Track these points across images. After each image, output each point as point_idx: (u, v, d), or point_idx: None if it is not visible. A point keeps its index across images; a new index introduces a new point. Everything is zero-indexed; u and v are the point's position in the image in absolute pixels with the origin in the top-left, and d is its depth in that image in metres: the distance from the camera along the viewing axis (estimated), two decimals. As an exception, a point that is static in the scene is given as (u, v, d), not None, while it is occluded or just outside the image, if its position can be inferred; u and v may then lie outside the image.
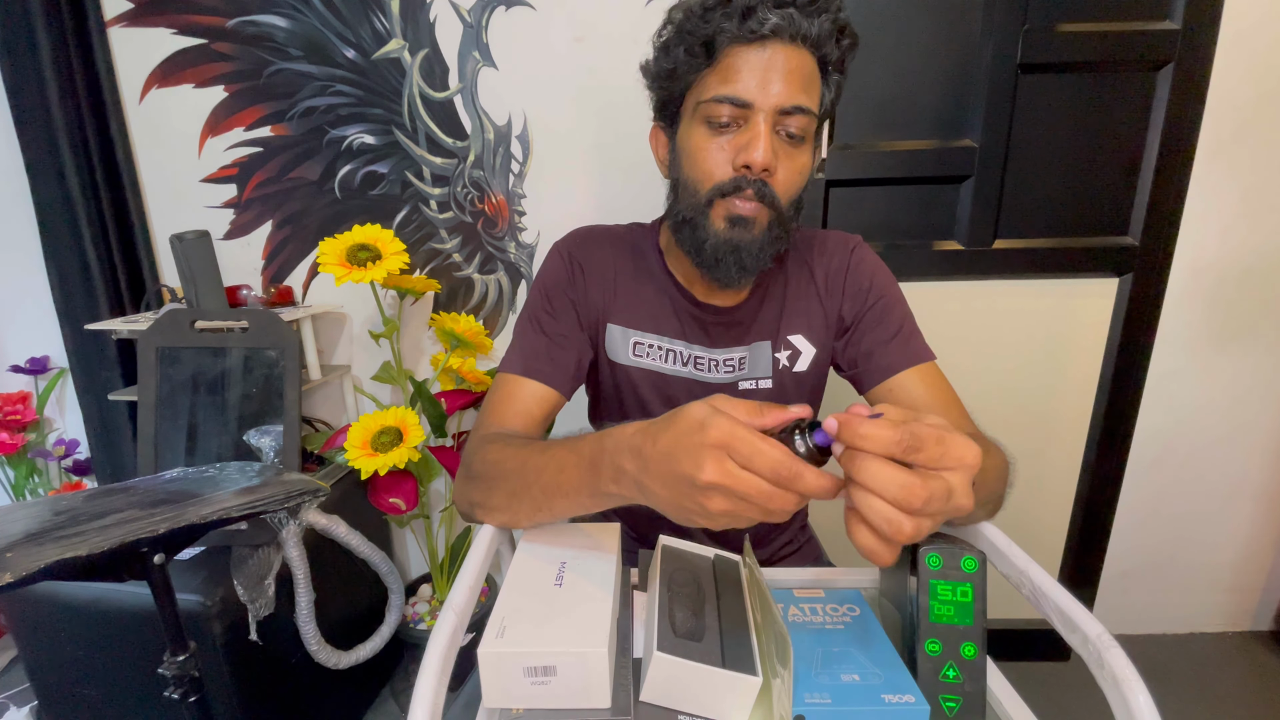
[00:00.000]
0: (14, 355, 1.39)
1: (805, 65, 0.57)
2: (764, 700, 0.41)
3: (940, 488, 0.32)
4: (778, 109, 0.56)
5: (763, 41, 0.55)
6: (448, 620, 0.42)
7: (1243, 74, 1.12)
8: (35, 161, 1.21)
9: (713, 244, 0.61)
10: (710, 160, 0.59)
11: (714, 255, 0.61)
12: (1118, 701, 0.38)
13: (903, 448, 0.32)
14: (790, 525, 0.84)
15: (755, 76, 0.56)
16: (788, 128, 0.58)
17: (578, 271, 0.71)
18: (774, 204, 0.59)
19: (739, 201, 0.59)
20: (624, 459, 0.41)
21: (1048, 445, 1.29)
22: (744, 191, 0.58)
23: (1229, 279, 1.24)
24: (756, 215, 0.59)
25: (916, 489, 0.31)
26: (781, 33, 0.55)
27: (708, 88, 0.58)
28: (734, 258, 0.61)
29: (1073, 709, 1.22)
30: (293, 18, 1.19)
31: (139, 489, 0.76)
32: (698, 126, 0.60)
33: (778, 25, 0.54)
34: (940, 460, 0.32)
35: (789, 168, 0.59)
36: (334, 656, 1.07)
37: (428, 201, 1.29)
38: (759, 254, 0.61)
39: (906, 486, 0.31)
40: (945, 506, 0.32)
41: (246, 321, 1.07)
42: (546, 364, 0.67)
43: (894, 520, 0.31)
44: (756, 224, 0.60)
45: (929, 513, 0.32)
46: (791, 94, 0.56)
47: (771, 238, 0.61)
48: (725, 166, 0.59)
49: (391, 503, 1.11)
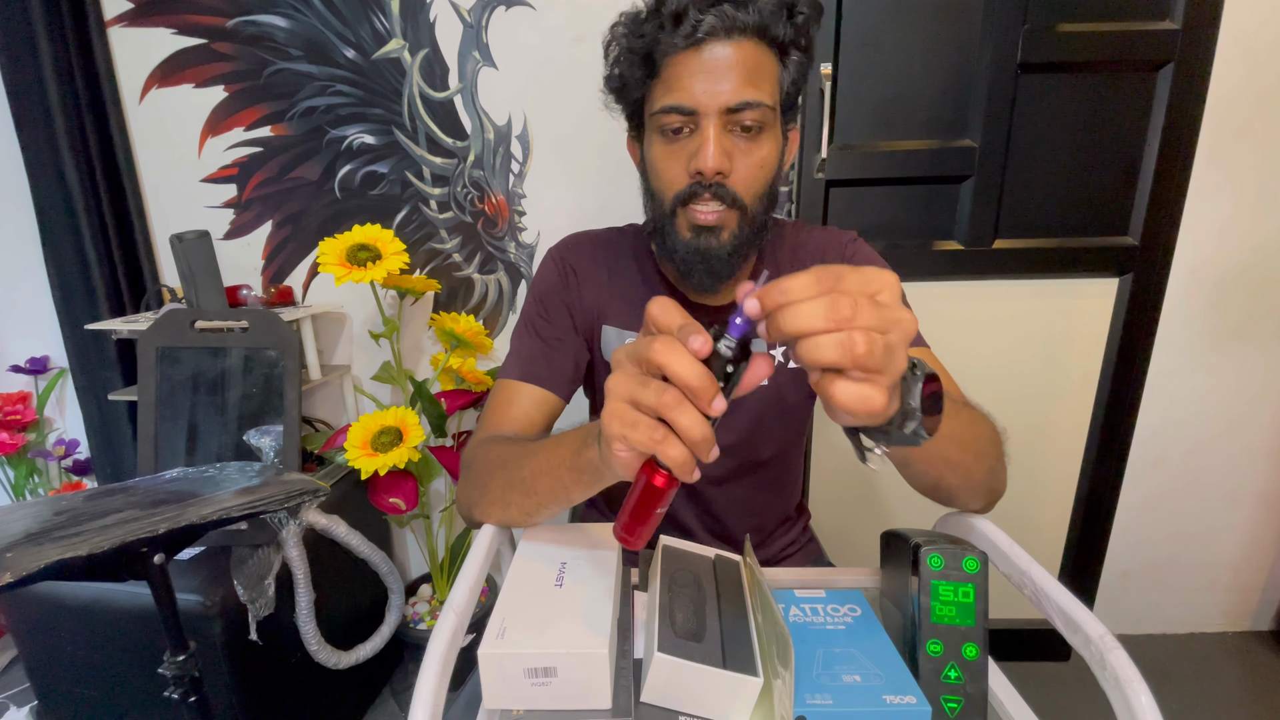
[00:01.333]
0: (14, 355, 1.39)
1: (750, 57, 0.55)
2: (765, 701, 0.41)
3: (856, 281, 0.30)
4: (724, 109, 0.55)
5: (699, 45, 0.55)
6: (448, 620, 0.42)
7: (1243, 74, 1.12)
8: (35, 161, 1.21)
9: (682, 253, 0.61)
10: (668, 170, 0.60)
11: (685, 263, 0.62)
12: (1120, 702, 0.38)
13: (824, 286, 0.30)
14: (792, 526, 0.84)
15: (697, 81, 0.55)
16: (740, 123, 0.57)
17: (571, 276, 0.71)
18: (737, 203, 0.59)
19: (699, 211, 0.59)
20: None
21: (1048, 445, 1.29)
22: (702, 197, 0.58)
23: (1228, 279, 1.24)
24: (721, 221, 0.59)
25: (841, 301, 0.29)
26: (717, 31, 0.54)
27: (656, 99, 0.58)
28: (703, 266, 0.61)
29: (1073, 709, 1.22)
30: (293, 18, 1.19)
31: (139, 489, 0.76)
32: (655, 137, 0.60)
33: (712, 25, 0.54)
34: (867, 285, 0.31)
35: (746, 164, 0.58)
36: (334, 656, 1.07)
37: (428, 201, 1.29)
38: (729, 258, 0.61)
39: (829, 302, 0.29)
40: (881, 315, 0.30)
41: (246, 321, 1.07)
42: (543, 368, 0.67)
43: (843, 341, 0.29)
44: (723, 229, 0.59)
45: (867, 322, 0.30)
46: (737, 90, 0.55)
47: (742, 239, 0.60)
48: (681, 174, 0.59)
49: (391, 503, 1.11)
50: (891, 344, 0.31)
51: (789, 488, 0.82)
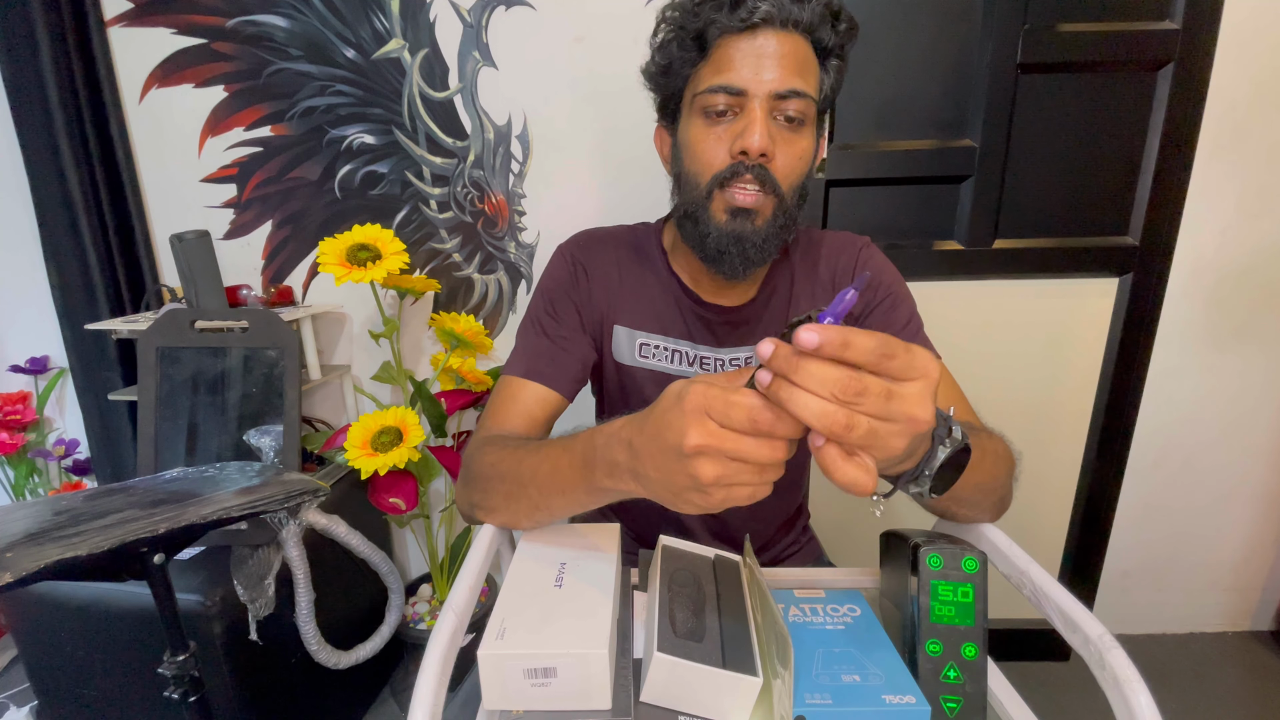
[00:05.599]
0: (14, 355, 1.39)
1: (799, 50, 0.57)
2: (764, 701, 0.41)
3: (877, 385, 0.30)
4: (773, 94, 0.56)
5: (754, 30, 0.56)
6: (448, 620, 0.42)
7: (1243, 74, 1.12)
8: (35, 161, 1.21)
9: (715, 236, 0.60)
10: (708, 150, 0.59)
11: (716, 247, 0.61)
12: (1119, 702, 0.38)
13: (877, 355, 0.30)
14: (793, 526, 0.84)
15: (748, 64, 0.56)
16: (785, 111, 0.57)
17: (581, 274, 0.71)
18: (775, 190, 0.59)
19: (739, 192, 0.58)
20: (616, 452, 0.41)
21: (1048, 445, 1.29)
22: (743, 178, 0.58)
23: (1228, 278, 1.24)
24: (758, 205, 0.59)
25: (851, 380, 0.30)
26: (772, 20, 0.55)
27: (703, 79, 0.59)
28: (737, 248, 0.60)
29: (1073, 709, 1.22)
30: (293, 18, 1.19)
31: (139, 489, 0.76)
32: (696, 119, 0.60)
33: (768, 13, 0.54)
34: (908, 370, 0.31)
35: (788, 152, 0.58)
36: (334, 656, 1.07)
37: (428, 201, 1.29)
38: (763, 244, 0.61)
39: (841, 380, 0.30)
40: (888, 407, 0.30)
41: (246, 321, 1.07)
42: (548, 366, 0.67)
43: (830, 413, 0.30)
44: (759, 214, 0.59)
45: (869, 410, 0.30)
46: (786, 78, 0.56)
47: (776, 227, 0.60)
48: (723, 155, 0.59)
49: (391, 503, 1.11)
50: (881, 431, 0.31)
51: (791, 489, 0.82)
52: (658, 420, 0.37)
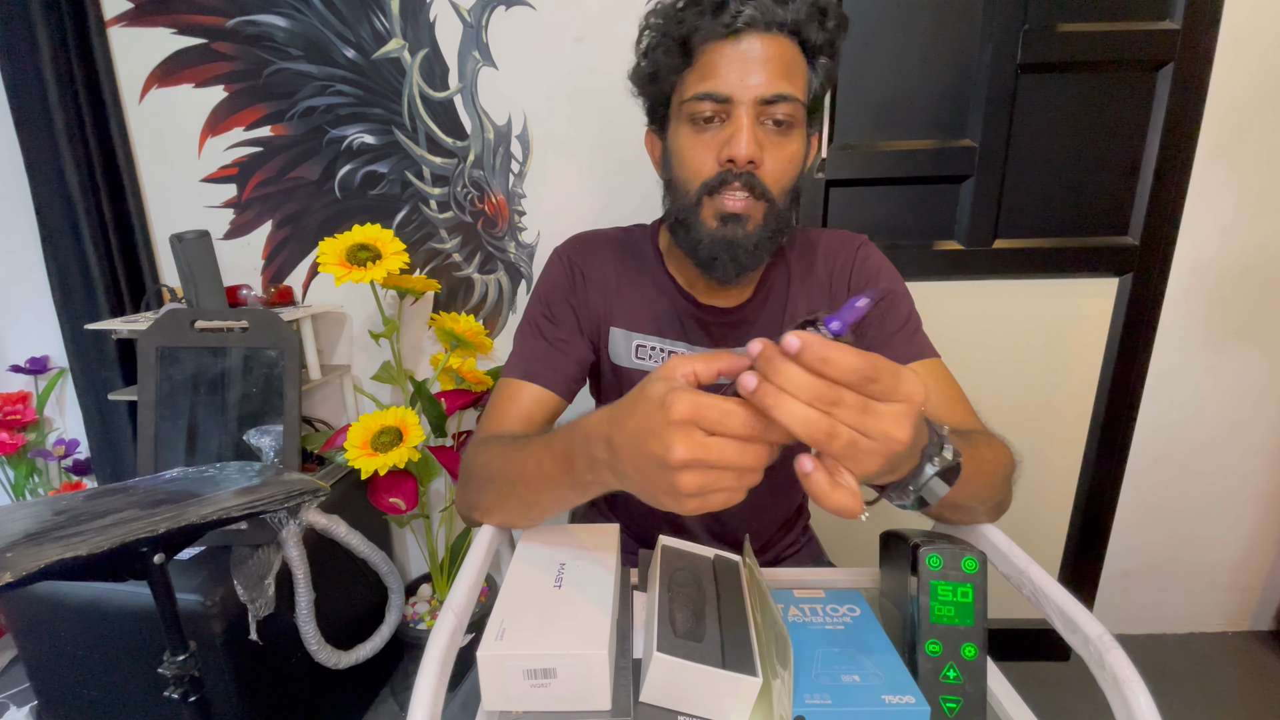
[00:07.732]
0: (14, 355, 1.39)
1: (785, 53, 0.56)
2: (764, 701, 0.41)
3: (852, 398, 0.31)
4: (759, 99, 0.56)
5: (737, 35, 0.55)
6: (447, 620, 0.42)
7: (1243, 74, 1.12)
8: (35, 161, 1.21)
9: (707, 243, 0.60)
10: (696, 158, 0.59)
11: (709, 254, 0.61)
12: (1118, 702, 0.38)
13: (859, 376, 0.30)
14: (792, 527, 0.84)
15: (733, 70, 0.56)
16: (773, 116, 0.57)
17: (578, 276, 0.71)
18: (765, 195, 0.58)
19: (728, 199, 0.58)
20: (595, 448, 0.41)
21: (1048, 445, 1.29)
22: (731, 185, 0.58)
23: (1229, 278, 1.24)
24: (749, 210, 0.59)
25: (826, 389, 0.30)
26: (756, 23, 0.55)
27: (688, 87, 0.58)
28: (729, 254, 0.60)
29: (1073, 709, 1.22)
30: (293, 17, 1.19)
31: (139, 489, 0.76)
32: (683, 126, 0.60)
33: (751, 16, 0.54)
34: (891, 394, 0.31)
35: (777, 156, 0.58)
36: (334, 656, 1.07)
37: (428, 201, 1.29)
38: (755, 249, 0.60)
39: (818, 387, 0.30)
40: (863, 421, 0.31)
41: (246, 321, 1.07)
42: (546, 368, 0.67)
43: (814, 420, 0.30)
44: (750, 219, 0.59)
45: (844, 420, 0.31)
46: (772, 83, 0.55)
47: (768, 231, 0.60)
48: (711, 162, 0.58)
49: (391, 503, 1.11)
50: (861, 445, 0.31)
51: (791, 489, 0.82)
52: (639, 425, 0.36)
